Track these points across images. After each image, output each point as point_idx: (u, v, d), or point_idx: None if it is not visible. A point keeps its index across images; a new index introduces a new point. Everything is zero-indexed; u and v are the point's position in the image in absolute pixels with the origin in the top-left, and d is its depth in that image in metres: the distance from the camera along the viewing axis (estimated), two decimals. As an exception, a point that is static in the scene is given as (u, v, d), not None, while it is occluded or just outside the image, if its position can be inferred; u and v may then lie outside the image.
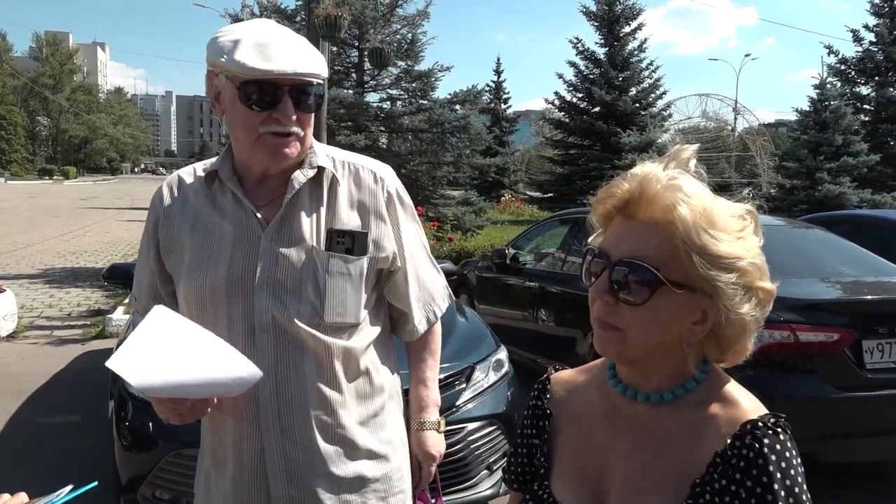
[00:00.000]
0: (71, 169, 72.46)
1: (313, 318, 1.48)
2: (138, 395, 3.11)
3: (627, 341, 0.95)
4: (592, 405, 1.08)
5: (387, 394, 1.63)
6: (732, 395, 0.98)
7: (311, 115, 1.49)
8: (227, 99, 1.46)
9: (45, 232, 18.51)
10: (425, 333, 1.71)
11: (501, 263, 6.58)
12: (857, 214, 8.59)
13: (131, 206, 30.74)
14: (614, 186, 0.98)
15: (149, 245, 1.61)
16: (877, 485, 4.34)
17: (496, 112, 34.74)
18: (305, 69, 1.42)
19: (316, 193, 1.54)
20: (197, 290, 1.50)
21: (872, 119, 21.79)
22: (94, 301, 9.52)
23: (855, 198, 15.83)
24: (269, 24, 1.50)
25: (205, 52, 1.46)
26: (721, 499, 0.89)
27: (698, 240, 0.90)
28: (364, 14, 10.82)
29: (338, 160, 1.59)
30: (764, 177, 30.77)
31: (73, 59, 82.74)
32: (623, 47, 24.33)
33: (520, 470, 1.16)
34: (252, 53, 1.39)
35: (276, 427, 1.48)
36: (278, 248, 1.48)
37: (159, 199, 1.61)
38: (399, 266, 1.62)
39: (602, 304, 0.96)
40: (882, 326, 3.82)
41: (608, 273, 0.95)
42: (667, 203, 0.92)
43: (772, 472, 0.88)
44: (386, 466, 1.59)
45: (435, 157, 12.82)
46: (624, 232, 0.96)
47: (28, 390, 5.58)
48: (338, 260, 1.50)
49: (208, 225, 1.53)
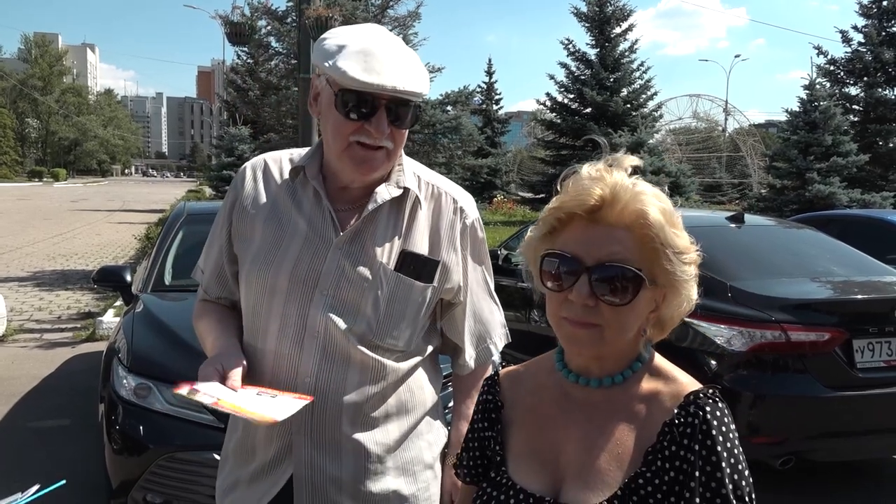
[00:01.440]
0: (61, 171, 72.09)
1: (366, 335, 1.45)
2: (128, 399, 3.09)
3: (605, 337, 1.01)
4: (543, 393, 1.14)
5: (424, 414, 1.59)
6: (669, 371, 1.09)
7: (404, 131, 1.46)
8: (325, 102, 1.44)
9: (34, 234, 18.39)
10: (477, 369, 1.66)
11: (494, 264, 6.57)
12: (847, 214, 8.65)
13: (122, 208, 30.62)
14: (583, 192, 1.02)
15: (223, 223, 1.60)
16: (868, 483, 4.36)
17: (488, 113, 34.78)
18: (405, 86, 1.38)
19: (396, 212, 1.50)
20: (258, 281, 1.48)
21: (861, 119, 21.93)
22: (84, 304, 9.46)
23: (845, 198, 15.93)
24: (379, 31, 1.47)
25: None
26: (672, 463, 0.99)
27: (670, 238, 1.00)
28: (355, 15, 10.82)
29: (423, 180, 1.56)
30: (754, 177, 30.94)
31: (62, 60, 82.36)
32: (614, 48, 24.41)
33: (472, 463, 1.20)
34: (354, 62, 1.36)
35: (307, 435, 1.45)
36: (347, 257, 1.45)
37: (241, 181, 1.58)
38: (461, 300, 1.59)
39: (581, 307, 1.00)
40: (872, 326, 3.84)
41: (586, 276, 0.99)
42: (638, 207, 0.99)
43: (714, 436, 0.98)
44: (413, 487, 1.55)
45: (427, 158, 12.83)
46: (593, 236, 1.01)
47: (17, 394, 5.53)
48: (404, 283, 1.48)
49: (283, 217, 1.51)
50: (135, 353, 3.32)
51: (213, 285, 1.63)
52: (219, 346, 1.49)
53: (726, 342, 3.79)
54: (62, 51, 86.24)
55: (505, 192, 31.56)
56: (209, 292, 1.65)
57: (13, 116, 70.42)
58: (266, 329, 1.48)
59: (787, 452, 3.75)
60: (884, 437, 3.90)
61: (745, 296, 3.91)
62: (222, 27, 10.64)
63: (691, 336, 3.91)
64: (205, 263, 1.66)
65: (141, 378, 3.13)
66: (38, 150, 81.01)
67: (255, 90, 13.20)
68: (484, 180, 29.03)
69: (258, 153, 2.74)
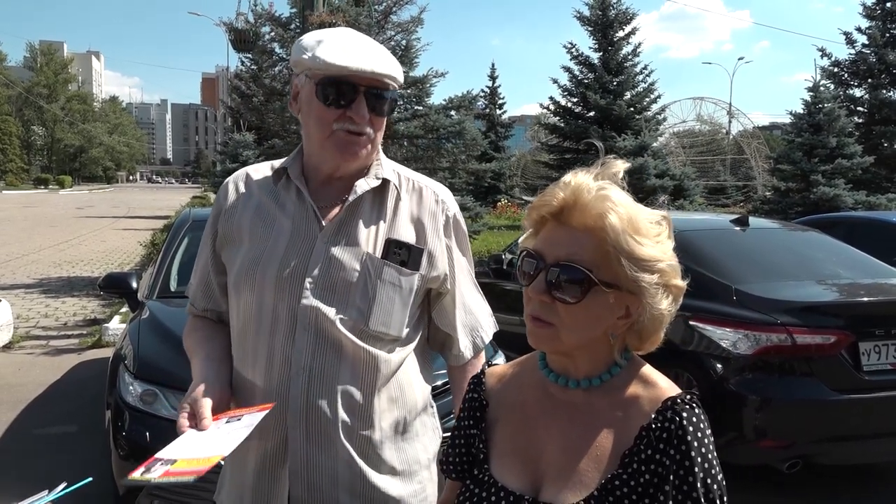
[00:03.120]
0: (66, 178, 72.42)
1: (357, 323, 1.48)
2: (135, 405, 3.10)
3: (561, 336, 1.05)
4: (527, 393, 1.17)
5: (418, 411, 1.60)
6: (651, 377, 1.10)
7: (383, 119, 1.53)
8: (305, 97, 1.50)
9: (40, 241, 18.46)
10: (472, 359, 1.69)
11: (498, 269, 6.58)
12: (852, 216, 8.63)
13: (127, 214, 30.71)
14: (549, 195, 1.07)
15: (209, 235, 1.64)
16: (876, 486, 4.34)
17: (491, 117, 34.79)
18: (383, 70, 1.46)
19: (378, 204, 1.56)
20: (248, 280, 1.51)
21: (866, 121, 21.84)
22: (90, 310, 9.49)
23: (850, 200, 15.86)
24: (352, 31, 1.56)
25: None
26: (647, 466, 1.01)
27: (626, 245, 1.01)
28: (358, 21, 10.83)
29: (403, 176, 1.62)
30: (759, 179, 30.85)
31: (67, 68, 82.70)
32: (617, 52, 24.38)
33: (457, 460, 1.23)
34: (333, 51, 1.44)
35: (302, 428, 1.46)
36: (333, 249, 1.49)
37: (224, 194, 1.63)
38: (448, 289, 1.62)
39: (538, 303, 1.05)
40: (879, 328, 3.82)
41: (544, 274, 1.04)
42: (598, 211, 1.02)
43: (689, 441, 1.00)
44: (410, 487, 1.56)
45: (430, 163, 12.81)
46: (557, 236, 1.06)
47: (24, 401, 5.55)
48: (392, 270, 1.51)
49: (268, 219, 1.55)
50: (141, 360, 3.33)
51: (200, 297, 1.67)
52: (196, 374, 1.50)
53: (732, 346, 3.78)
54: (67, 58, 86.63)
55: (509, 197, 31.55)
56: (196, 304, 1.68)
57: (19, 124, 70.75)
58: (258, 327, 1.50)
59: (793, 456, 3.74)
60: (891, 440, 3.87)
61: (750, 299, 3.90)
62: (226, 34, 10.70)
63: (696, 340, 3.90)
64: (193, 276, 1.70)
65: (147, 384, 3.14)
66: (43, 158, 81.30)
67: (260, 96, 13.21)
68: (488, 184, 29.02)
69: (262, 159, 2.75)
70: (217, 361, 1.54)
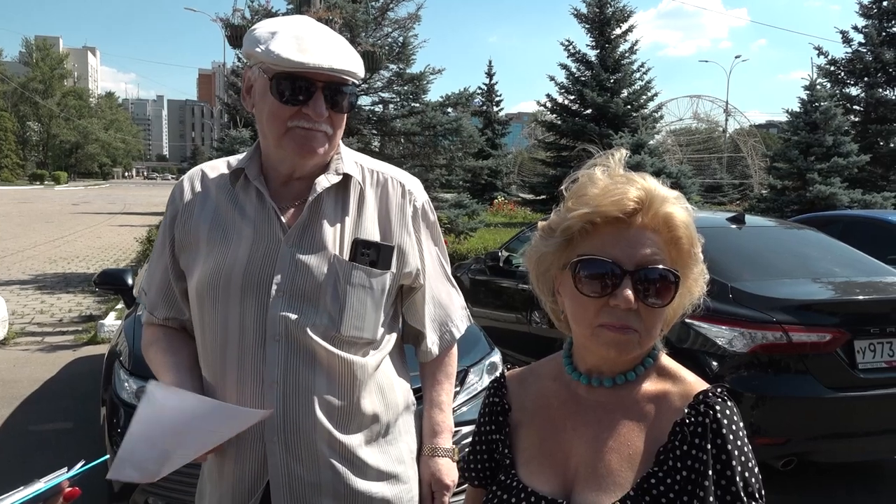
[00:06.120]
0: (62, 174, 72.16)
1: (329, 330, 1.41)
2: (130, 402, 3.09)
3: (642, 341, 1.03)
4: (551, 396, 1.14)
5: (399, 411, 1.56)
6: (676, 371, 1.09)
7: (343, 116, 1.44)
8: (259, 91, 1.41)
9: (36, 237, 18.40)
10: (441, 355, 1.63)
11: (495, 266, 6.58)
12: (848, 215, 8.64)
13: (123, 210, 30.63)
14: (619, 194, 1.00)
15: (164, 241, 1.54)
16: (870, 484, 4.35)
17: (488, 114, 34.76)
18: (342, 66, 1.37)
19: (342, 201, 1.47)
20: (210, 292, 1.43)
21: (862, 120, 21.91)
22: (85, 307, 9.46)
23: (846, 198, 15.90)
24: (308, 20, 1.45)
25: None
26: (683, 462, 0.99)
27: (695, 237, 1.03)
28: (355, 17, 10.81)
29: (366, 168, 1.54)
30: (755, 178, 30.89)
31: (63, 63, 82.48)
32: (614, 49, 24.41)
33: (480, 466, 1.20)
34: (288, 45, 1.34)
35: (280, 442, 1.41)
36: (299, 253, 1.41)
37: (179, 194, 1.54)
38: (420, 284, 1.56)
39: (624, 311, 1.00)
40: (874, 326, 3.83)
41: (629, 280, 0.99)
42: (671, 211, 1.02)
43: (725, 434, 0.99)
44: (396, 488, 1.52)
45: (427, 160, 12.80)
46: (627, 239, 1.01)
47: (19, 397, 5.54)
48: (361, 272, 1.44)
49: (227, 224, 1.46)
50: (136, 356, 3.32)
51: (160, 305, 1.57)
52: (171, 384, 1.44)
53: (727, 343, 3.78)
54: (63, 54, 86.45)
55: (506, 194, 31.55)
56: (156, 314, 1.58)
57: (14, 120, 70.56)
58: (224, 342, 1.43)
59: (788, 453, 3.74)
60: (885, 437, 3.89)
61: (746, 297, 3.91)
62: (223, 30, 10.64)
63: (692, 337, 3.91)
64: (148, 284, 1.59)
65: (143, 381, 3.13)
66: (39, 154, 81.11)
67: (256, 93, 13.25)
68: (485, 182, 28.99)
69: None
70: (188, 371, 1.48)
